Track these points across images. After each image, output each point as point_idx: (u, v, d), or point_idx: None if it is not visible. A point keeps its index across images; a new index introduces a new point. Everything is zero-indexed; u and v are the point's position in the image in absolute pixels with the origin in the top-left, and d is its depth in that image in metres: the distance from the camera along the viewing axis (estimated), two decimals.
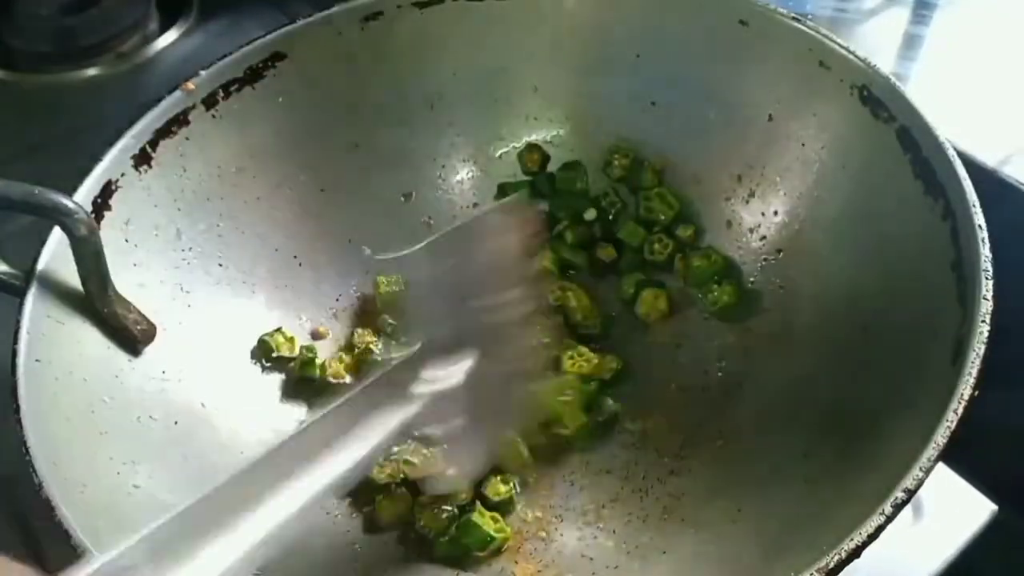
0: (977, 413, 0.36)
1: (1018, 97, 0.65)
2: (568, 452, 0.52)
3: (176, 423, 0.49)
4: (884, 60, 0.49)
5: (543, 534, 0.49)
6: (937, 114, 0.45)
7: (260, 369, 0.55)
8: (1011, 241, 0.41)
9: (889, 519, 0.34)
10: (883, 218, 0.47)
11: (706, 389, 0.53)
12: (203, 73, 0.54)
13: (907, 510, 0.49)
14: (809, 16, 0.51)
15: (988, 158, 0.58)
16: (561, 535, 0.49)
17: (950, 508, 0.50)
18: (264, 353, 0.55)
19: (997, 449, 0.58)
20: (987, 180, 0.43)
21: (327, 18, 0.57)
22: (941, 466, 0.50)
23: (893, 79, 0.48)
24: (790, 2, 0.52)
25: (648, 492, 0.50)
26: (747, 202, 0.55)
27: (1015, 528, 0.53)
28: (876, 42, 0.70)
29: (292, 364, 0.55)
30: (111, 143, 0.51)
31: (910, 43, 0.70)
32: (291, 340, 0.56)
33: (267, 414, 0.54)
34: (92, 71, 0.84)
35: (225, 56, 0.55)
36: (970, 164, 0.43)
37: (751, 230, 0.55)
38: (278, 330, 0.56)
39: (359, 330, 0.58)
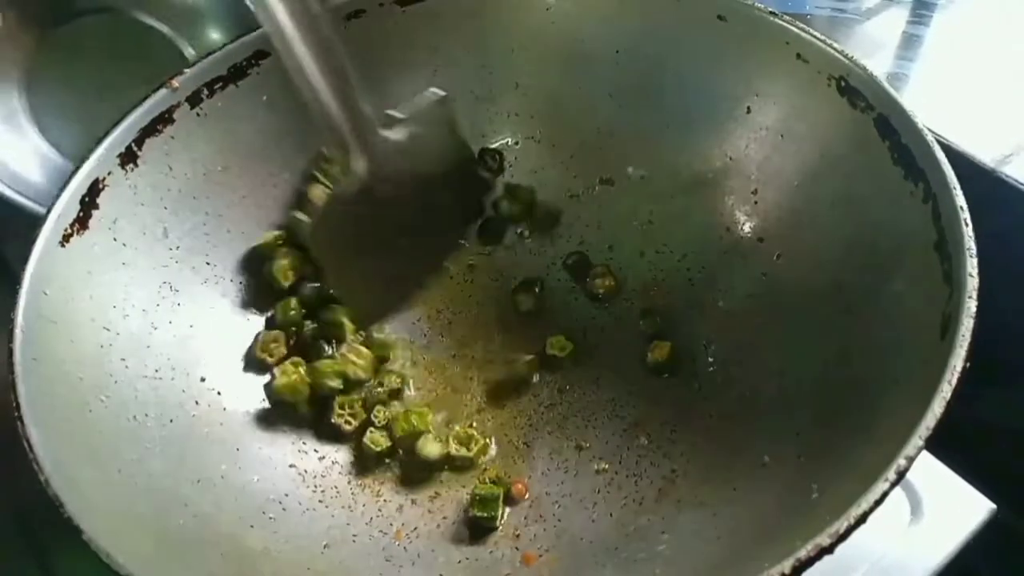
0: (976, 412, 0.37)
1: (1017, 97, 0.66)
2: (561, 439, 0.53)
3: (171, 421, 0.49)
4: (883, 60, 0.49)
5: (542, 519, 0.50)
6: (936, 114, 0.46)
7: (254, 366, 0.55)
8: (1010, 241, 0.42)
9: (893, 485, 0.35)
10: (864, 204, 0.49)
11: (695, 374, 0.54)
12: (187, 71, 0.54)
13: (906, 509, 0.51)
14: (808, 16, 0.52)
15: (987, 158, 0.58)
16: (559, 520, 0.50)
17: (948, 507, 0.51)
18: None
19: (995, 448, 0.58)
20: (986, 180, 0.44)
21: None
22: (939, 465, 0.51)
23: (870, 69, 0.49)
24: (789, 3, 0.53)
25: (642, 475, 0.51)
26: (729, 193, 0.57)
27: (1013, 527, 0.53)
28: (875, 42, 0.70)
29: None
30: (97, 140, 0.50)
31: (909, 43, 0.71)
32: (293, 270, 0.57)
33: (260, 411, 0.53)
34: None
35: (209, 54, 0.55)
36: (970, 164, 0.43)
37: (733, 220, 0.57)
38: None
39: None
